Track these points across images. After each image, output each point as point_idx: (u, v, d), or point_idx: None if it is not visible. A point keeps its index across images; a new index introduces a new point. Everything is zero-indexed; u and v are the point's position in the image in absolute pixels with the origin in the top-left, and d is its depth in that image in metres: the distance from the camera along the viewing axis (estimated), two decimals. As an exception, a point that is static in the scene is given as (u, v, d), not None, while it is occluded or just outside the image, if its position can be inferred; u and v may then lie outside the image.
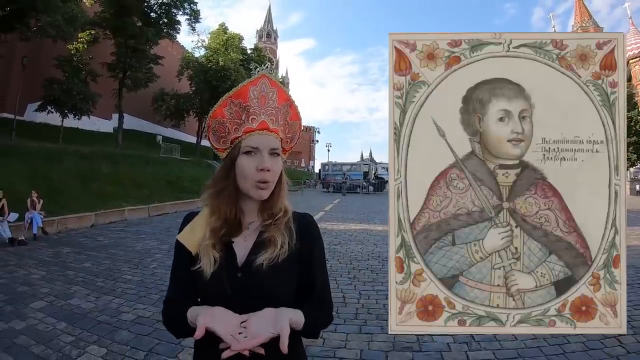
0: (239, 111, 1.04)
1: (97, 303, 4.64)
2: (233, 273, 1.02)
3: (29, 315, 4.23)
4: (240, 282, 1.01)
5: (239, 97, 1.04)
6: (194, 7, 27.66)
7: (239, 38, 37.53)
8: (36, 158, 13.66)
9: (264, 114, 1.04)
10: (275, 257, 1.01)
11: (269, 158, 1.02)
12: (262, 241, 1.04)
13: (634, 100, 44.25)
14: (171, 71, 33.29)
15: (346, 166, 38.46)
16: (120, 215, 12.88)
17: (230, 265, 1.03)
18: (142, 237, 9.37)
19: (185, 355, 3.30)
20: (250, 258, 1.03)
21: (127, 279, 5.72)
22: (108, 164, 16.86)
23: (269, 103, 1.05)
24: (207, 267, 1.01)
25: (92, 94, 23.26)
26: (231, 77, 32.30)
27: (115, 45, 24.99)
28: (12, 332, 3.78)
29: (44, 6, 14.75)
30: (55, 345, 3.47)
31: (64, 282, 5.50)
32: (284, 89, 1.10)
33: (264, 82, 1.06)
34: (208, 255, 1.02)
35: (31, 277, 5.83)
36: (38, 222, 9.23)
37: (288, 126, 1.13)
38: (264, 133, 1.03)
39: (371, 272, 6.25)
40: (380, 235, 9.91)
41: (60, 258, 7.19)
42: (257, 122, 1.03)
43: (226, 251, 1.04)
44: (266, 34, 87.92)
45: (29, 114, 24.02)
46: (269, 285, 1.02)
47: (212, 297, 1.02)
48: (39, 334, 3.72)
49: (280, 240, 1.03)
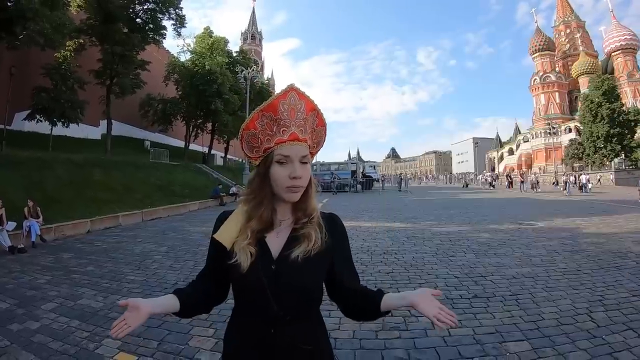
0: (270, 123, 1.11)
1: (106, 302, 4.86)
2: (268, 265, 1.11)
3: (42, 316, 4.41)
4: (275, 274, 1.10)
5: (269, 111, 1.10)
6: (179, 12, 27.65)
7: (224, 41, 37.61)
8: (28, 167, 13.70)
9: (294, 126, 1.11)
10: (309, 250, 1.11)
11: (299, 166, 1.10)
12: (297, 236, 1.15)
13: (616, 92, 45.27)
14: (158, 76, 33.16)
15: (334, 165, 38.62)
16: (115, 221, 13.00)
17: (265, 258, 1.12)
18: (140, 241, 9.53)
19: (194, 342, 3.59)
20: (284, 252, 1.13)
21: (131, 279, 5.93)
22: (99, 170, 16.89)
23: (298, 115, 1.11)
24: (245, 261, 1.09)
25: (80, 102, 23.22)
26: (217, 80, 32.40)
27: (101, 52, 24.93)
28: (28, 331, 3.95)
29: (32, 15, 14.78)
30: (72, 341, 3.68)
31: (70, 285, 5.69)
32: (311, 100, 1.14)
33: (293, 95, 1.11)
34: (245, 251, 1.11)
35: (37, 281, 6.00)
36: (36, 230, 9.39)
37: (315, 133, 1.19)
38: (295, 143, 1.10)
39: (361, 265, 6.51)
40: (369, 231, 10.20)
41: (63, 263, 7.35)
42: (287, 134, 1.10)
43: (260, 246, 1.13)
44: (251, 35, 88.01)
45: (17, 122, 23.93)
46: (302, 277, 1.11)
47: (248, 287, 1.12)
48: (55, 332, 3.91)
49: (314, 236, 1.13)
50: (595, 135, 43.57)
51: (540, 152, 67.04)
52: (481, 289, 5.04)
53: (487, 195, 27.83)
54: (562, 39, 72.86)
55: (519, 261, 6.55)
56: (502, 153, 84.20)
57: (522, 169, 61.06)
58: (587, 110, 44.86)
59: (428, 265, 6.43)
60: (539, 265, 6.20)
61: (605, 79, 45.31)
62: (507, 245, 7.91)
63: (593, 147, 44.20)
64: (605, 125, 42.30)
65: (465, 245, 8.09)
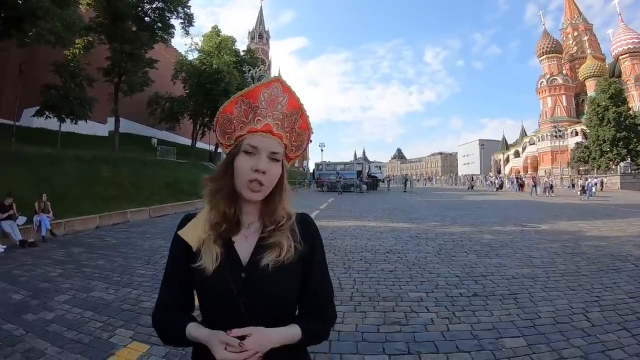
0: (247, 110, 1.05)
1: (117, 294, 5.03)
2: (237, 272, 1.02)
3: (56, 307, 4.57)
4: (245, 282, 1.01)
5: (249, 97, 1.05)
6: (187, 11, 27.83)
7: (231, 40, 37.72)
8: (38, 163, 13.94)
9: (270, 117, 1.05)
10: (281, 260, 1.02)
11: (266, 161, 1.02)
12: (265, 245, 1.04)
13: (623, 95, 45.06)
14: (165, 74, 33.33)
15: (340, 165, 38.82)
16: (123, 217, 13.24)
17: (233, 264, 1.03)
18: (148, 237, 9.72)
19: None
20: (254, 258, 1.03)
21: (142, 274, 6.10)
22: (107, 167, 17.13)
23: (278, 107, 1.06)
24: (210, 263, 1.00)
25: (88, 99, 23.44)
26: (224, 79, 32.48)
27: (110, 50, 25.17)
28: (43, 321, 4.10)
29: (43, 13, 14.95)
30: (86, 330, 3.83)
31: (82, 278, 5.86)
32: (297, 97, 1.09)
33: (277, 86, 1.06)
34: (210, 251, 1.02)
35: (49, 274, 6.19)
36: (47, 225, 9.61)
37: (295, 134, 1.11)
38: (267, 135, 1.04)
39: (364, 263, 6.69)
40: (373, 231, 10.33)
41: (74, 257, 7.54)
42: (261, 124, 1.04)
43: (227, 249, 1.04)
44: (258, 35, 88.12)
45: (25, 119, 24.18)
46: (275, 287, 1.02)
47: (216, 296, 1.01)
48: (69, 322, 4.06)
49: (286, 244, 1.03)
50: (601, 138, 43.40)
51: (547, 154, 66.71)
52: (481, 288, 5.16)
53: (493, 197, 27.83)
54: (570, 41, 72.45)
55: (520, 262, 6.66)
56: (508, 155, 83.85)
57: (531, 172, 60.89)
58: (593, 113, 44.70)
59: (430, 264, 6.55)
60: (539, 267, 6.31)
61: (612, 82, 45.10)
62: (509, 247, 8.02)
63: (599, 150, 44.02)
64: (612, 129, 42.14)
65: (467, 246, 8.20)
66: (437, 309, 4.37)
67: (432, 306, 4.45)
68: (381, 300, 4.67)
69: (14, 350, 3.42)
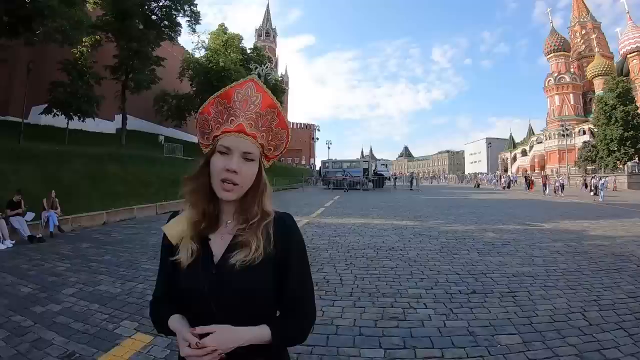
0: (223, 111, 1.07)
1: (123, 288, 5.15)
2: (208, 269, 1.04)
3: (63, 300, 4.69)
4: (215, 279, 1.02)
5: (224, 98, 1.07)
6: (194, 9, 28.05)
7: (238, 38, 37.96)
8: (46, 160, 14.10)
9: (243, 117, 1.06)
10: (250, 260, 1.01)
11: (238, 160, 1.02)
12: (237, 243, 1.05)
13: (631, 94, 44.61)
14: (172, 72, 33.60)
15: (346, 163, 38.98)
16: (130, 214, 13.40)
17: (206, 261, 1.05)
18: (154, 233, 9.80)
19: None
20: (225, 256, 1.04)
21: (147, 268, 6.21)
22: (114, 164, 17.28)
23: (251, 107, 1.07)
24: (185, 259, 1.04)
25: (96, 97, 23.67)
26: (231, 77, 32.38)
27: (117, 48, 25.38)
28: (51, 313, 4.22)
29: (51, 12, 15.14)
30: (93, 322, 3.95)
31: (89, 272, 5.99)
32: (271, 96, 1.10)
33: (250, 85, 1.08)
34: (186, 247, 1.05)
35: (57, 269, 6.31)
36: (54, 221, 9.77)
37: (273, 133, 1.12)
38: (240, 135, 1.04)
39: (366, 259, 6.76)
40: (377, 228, 10.40)
41: (81, 252, 7.68)
42: (235, 124, 1.05)
43: (203, 247, 1.06)
44: (265, 32, 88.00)
45: (34, 116, 24.46)
46: (242, 285, 1.02)
47: (187, 290, 1.04)
48: (76, 314, 4.17)
49: (254, 244, 1.03)
50: (609, 137, 42.99)
51: (554, 153, 66.22)
52: (480, 286, 5.21)
53: (499, 196, 27.74)
54: (578, 39, 71.75)
55: (521, 260, 6.69)
56: (515, 154, 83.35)
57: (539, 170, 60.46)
58: (601, 112, 44.26)
59: (431, 262, 6.60)
60: (540, 265, 6.34)
61: (619, 81, 44.59)
62: (511, 245, 8.05)
63: (607, 149, 43.64)
64: (619, 128, 41.71)
65: (470, 244, 8.24)
66: (435, 305, 4.42)
67: (430, 303, 4.51)
68: (380, 296, 4.74)
69: (22, 340, 3.53)
